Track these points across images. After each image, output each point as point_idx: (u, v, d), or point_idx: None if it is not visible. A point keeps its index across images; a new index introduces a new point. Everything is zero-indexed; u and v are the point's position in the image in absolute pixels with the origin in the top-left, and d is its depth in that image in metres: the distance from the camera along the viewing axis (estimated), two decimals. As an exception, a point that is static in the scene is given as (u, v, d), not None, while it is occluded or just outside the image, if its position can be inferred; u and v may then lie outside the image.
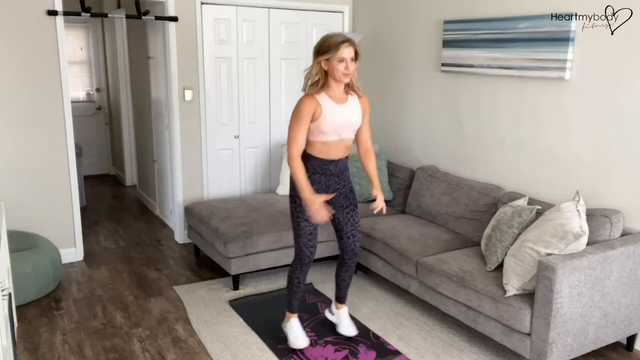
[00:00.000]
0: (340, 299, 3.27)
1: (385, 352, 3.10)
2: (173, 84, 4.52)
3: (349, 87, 2.87)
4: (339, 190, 3.01)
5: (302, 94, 2.84)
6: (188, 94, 4.58)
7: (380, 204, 3.01)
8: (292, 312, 3.12)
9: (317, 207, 2.76)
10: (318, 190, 2.90)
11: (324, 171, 2.91)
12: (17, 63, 3.90)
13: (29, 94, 3.98)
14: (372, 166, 3.07)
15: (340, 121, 2.81)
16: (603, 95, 3.18)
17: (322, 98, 2.79)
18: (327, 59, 2.72)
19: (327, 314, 3.37)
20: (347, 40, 2.70)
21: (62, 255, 4.11)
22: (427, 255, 3.44)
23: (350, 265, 3.15)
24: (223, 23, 4.63)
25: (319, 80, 2.77)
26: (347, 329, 3.23)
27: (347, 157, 2.98)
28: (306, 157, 2.88)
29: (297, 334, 3.07)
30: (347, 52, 2.69)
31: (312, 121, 2.79)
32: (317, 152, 2.87)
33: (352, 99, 2.89)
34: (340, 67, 2.70)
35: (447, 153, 4.30)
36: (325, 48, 2.71)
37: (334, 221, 3.08)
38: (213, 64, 4.66)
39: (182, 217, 4.78)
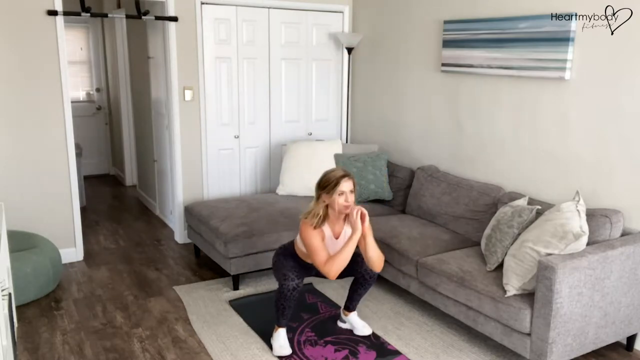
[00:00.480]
0: (351, 308, 3.33)
1: (385, 352, 3.10)
2: (173, 84, 4.52)
3: (347, 218, 3.02)
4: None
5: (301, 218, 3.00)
6: (188, 94, 4.58)
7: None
8: (281, 326, 3.13)
9: (357, 220, 2.87)
10: (301, 264, 3.10)
11: (310, 266, 3.12)
12: (17, 63, 3.90)
13: (29, 94, 3.98)
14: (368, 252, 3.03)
15: (333, 251, 2.98)
16: (603, 95, 3.18)
17: (326, 229, 2.98)
18: (328, 193, 2.89)
19: (340, 323, 3.41)
20: (346, 175, 2.90)
21: (62, 255, 4.11)
22: (427, 255, 3.44)
23: (371, 283, 3.22)
24: (223, 23, 4.63)
25: (321, 214, 2.94)
26: (363, 329, 3.29)
27: None
28: (295, 254, 3.11)
29: (281, 343, 3.09)
30: (346, 185, 2.87)
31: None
32: (305, 257, 3.10)
33: (347, 229, 3.03)
34: (341, 199, 2.88)
35: (447, 153, 4.30)
36: (325, 183, 2.91)
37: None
38: (213, 64, 4.66)
39: (182, 217, 4.78)
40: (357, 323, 3.31)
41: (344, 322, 3.38)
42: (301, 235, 2.95)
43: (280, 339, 3.10)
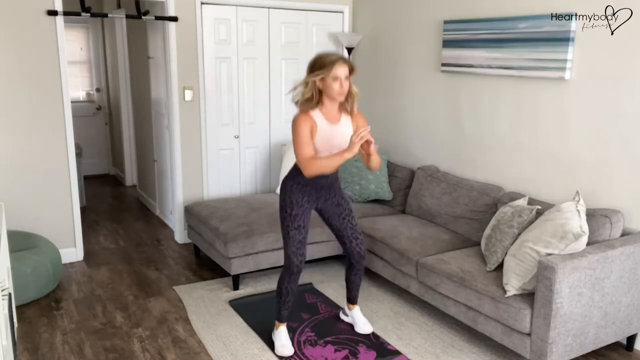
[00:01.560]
0: (352, 300, 3.33)
1: (385, 352, 3.10)
2: (173, 84, 4.52)
3: (343, 106, 2.89)
4: (330, 200, 3.04)
5: (294, 107, 2.89)
6: (188, 94, 4.58)
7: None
8: (281, 321, 3.12)
9: (357, 144, 2.65)
10: (309, 201, 2.96)
11: (315, 184, 2.94)
12: (17, 63, 3.90)
13: (29, 94, 3.98)
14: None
15: (332, 141, 2.84)
16: (603, 95, 3.18)
17: (317, 115, 2.82)
18: (322, 78, 2.73)
19: (342, 316, 3.42)
20: (341, 59, 2.73)
21: (62, 255, 4.11)
22: (427, 255, 3.44)
23: (359, 268, 3.20)
24: (223, 23, 4.63)
25: (312, 97, 2.79)
26: (364, 327, 3.29)
27: (337, 171, 3.01)
28: (297, 170, 2.92)
29: (283, 342, 3.08)
30: (341, 70, 2.71)
31: None
32: None
33: (345, 118, 2.91)
34: (335, 85, 2.72)
35: (447, 153, 4.30)
36: (319, 66, 2.73)
37: (333, 230, 3.13)
38: (213, 64, 4.66)
39: (182, 217, 4.78)
40: (359, 319, 3.31)
41: (347, 315, 3.38)
42: (293, 124, 2.79)
43: (282, 337, 3.09)
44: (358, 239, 3.13)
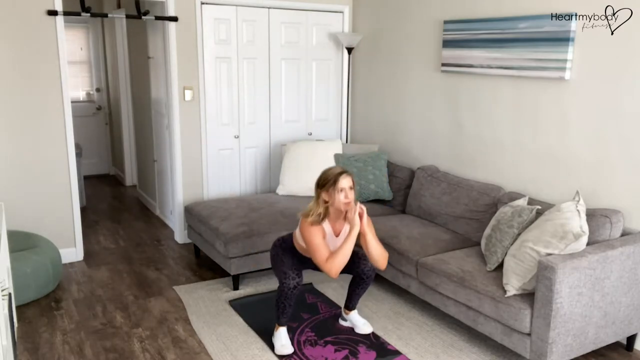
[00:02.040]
0: (350, 307, 3.35)
1: (385, 352, 3.10)
2: (173, 84, 4.52)
3: (346, 217, 3.01)
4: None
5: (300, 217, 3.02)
6: (188, 94, 4.58)
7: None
8: (281, 325, 3.15)
9: (355, 215, 2.88)
10: (300, 258, 3.12)
11: (308, 260, 3.14)
12: (17, 63, 3.90)
13: (29, 94, 3.98)
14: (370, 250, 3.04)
15: (333, 248, 3.00)
16: (603, 95, 3.18)
17: (326, 226, 2.99)
18: (328, 191, 2.90)
19: (341, 322, 3.42)
20: (344, 172, 2.91)
21: (62, 255, 4.11)
22: (427, 255, 3.44)
23: (368, 283, 3.23)
24: (223, 23, 4.63)
25: (321, 212, 2.95)
26: (364, 327, 3.30)
27: None
28: (294, 249, 3.13)
29: (283, 342, 3.10)
30: (345, 182, 2.89)
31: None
32: (304, 252, 3.09)
33: (347, 228, 3.02)
34: (341, 196, 2.88)
35: (447, 153, 4.30)
36: (324, 181, 2.93)
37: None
38: (213, 64, 4.66)
39: (182, 217, 4.78)
40: (357, 321, 3.33)
41: (345, 320, 3.39)
42: (302, 234, 2.95)
43: (282, 338, 3.11)
44: (366, 257, 3.16)
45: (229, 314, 3.52)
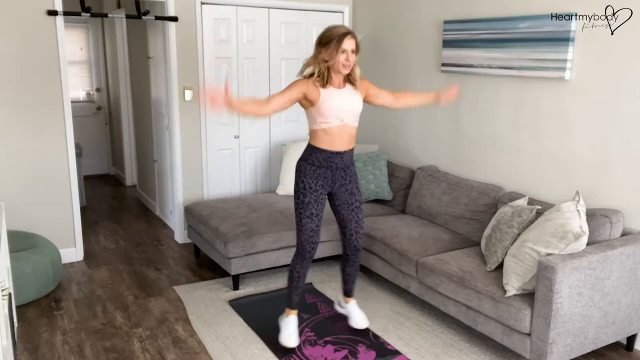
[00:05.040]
0: (348, 292, 3.31)
1: (385, 352, 3.10)
2: (173, 84, 4.52)
3: (347, 79, 2.92)
4: (345, 186, 3.01)
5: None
6: (188, 94, 4.58)
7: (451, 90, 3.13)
8: (292, 308, 3.13)
9: (215, 97, 2.60)
10: (323, 186, 2.93)
11: (330, 164, 2.91)
12: (17, 63, 3.90)
13: (29, 94, 3.98)
14: (409, 94, 3.18)
15: (340, 104, 2.84)
16: (603, 95, 3.18)
17: (324, 89, 2.83)
18: (329, 51, 2.75)
19: (337, 308, 3.40)
20: (350, 33, 2.77)
21: (62, 255, 4.11)
22: (427, 255, 3.44)
23: (354, 260, 3.18)
24: (223, 23, 4.63)
25: (323, 73, 2.80)
26: (359, 321, 3.27)
27: (352, 150, 2.98)
28: (311, 150, 2.91)
29: (290, 332, 3.08)
30: (348, 43, 2.75)
31: (310, 105, 2.84)
32: (322, 143, 2.88)
33: (350, 87, 2.93)
34: (341, 58, 2.75)
35: (447, 153, 4.30)
36: (327, 39, 2.77)
37: (338, 217, 3.11)
38: (213, 64, 4.66)
39: (182, 217, 4.78)
40: (354, 313, 3.28)
41: (342, 307, 3.36)
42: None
43: (290, 327, 3.08)
44: (359, 234, 3.12)
45: (229, 314, 3.52)
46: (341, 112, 2.84)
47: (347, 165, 2.98)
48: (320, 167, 2.90)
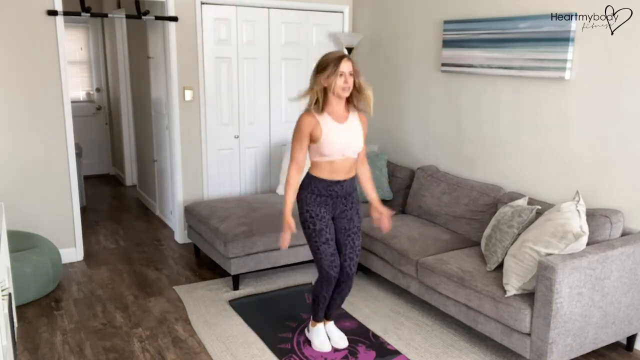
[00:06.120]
0: (328, 316, 3.18)
1: (385, 352, 3.10)
2: (173, 84, 4.52)
3: (349, 103, 2.89)
4: (345, 212, 2.97)
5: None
6: (188, 94, 4.58)
7: (383, 219, 3.01)
8: (318, 321, 3.13)
9: (288, 233, 2.82)
10: (327, 211, 2.92)
11: (330, 193, 2.90)
12: (17, 63, 3.90)
13: (29, 94, 3.98)
14: (366, 173, 3.05)
15: (341, 142, 2.82)
16: (603, 95, 3.18)
17: (323, 118, 2.81)
18: (327, 76, 2.75)
19: (305, 331, 3.27)
20: (345, 56, 2.78)
21: (62, 255, 4.11)
22: (427, 255, 3.44)
23: (343, 288, 3.03)
24: (223, 23, 4.63)
25: (319, 99, 2.80)
26: (338, 341, 3.15)
27: (353, 178, 2.96)
28: (311, 179, 2.90)
29: (322, 339, 3.10)
30: (345, 66, 2.75)
31: (312, 142, 2.82)
32: (322, 173, 2.87)
33: (353, 116, 2.90)
34: (340, 81, 2.75)
35: (447, 153, 4.30)
36: (324, 64, 2.77)
37: (336, 241, 3.02)
38: (213, 64, 4.66)
39: (182, 217, 4.78)
40: (332, 333, 3.18)
41: (308, 332, 3.22)
42: (297, 122, 2.84)
43: (321, 334, 3.12)
44: (353, 260, 3.00)
45: (229, 314, 3.52)
46: (342, 149, 2.84)
47: (349, 192, 2.96)
48: (320, 195, 2.90)
